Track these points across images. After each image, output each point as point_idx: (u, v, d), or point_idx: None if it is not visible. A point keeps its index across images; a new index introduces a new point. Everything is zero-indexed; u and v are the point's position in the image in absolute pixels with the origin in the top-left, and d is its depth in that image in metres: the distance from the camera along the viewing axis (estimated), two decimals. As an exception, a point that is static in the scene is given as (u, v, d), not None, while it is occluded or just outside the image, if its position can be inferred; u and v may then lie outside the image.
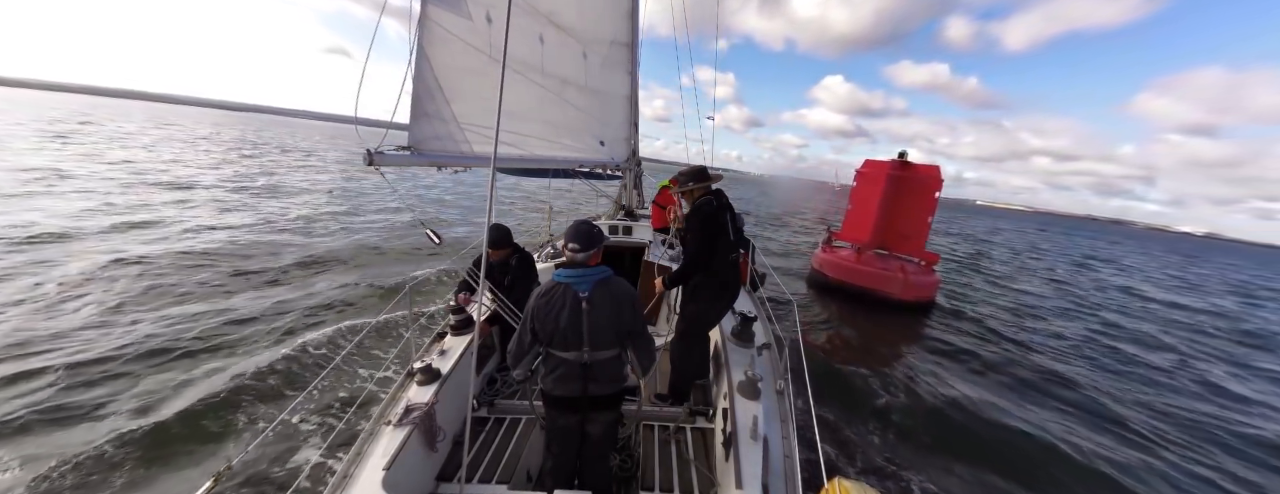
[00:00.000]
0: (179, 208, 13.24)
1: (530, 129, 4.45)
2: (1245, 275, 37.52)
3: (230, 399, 4.74)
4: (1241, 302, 21.02)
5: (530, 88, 4.37)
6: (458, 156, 3.56)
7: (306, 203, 16.22)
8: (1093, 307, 14.99)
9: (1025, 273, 20.90)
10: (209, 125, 72.50)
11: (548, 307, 2.15)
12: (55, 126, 36.93)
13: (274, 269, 8.88)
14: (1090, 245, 49.47)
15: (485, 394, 3.38)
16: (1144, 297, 18.79)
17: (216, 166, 23.55)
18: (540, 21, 4.25)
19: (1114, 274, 25.58)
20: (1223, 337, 13.16)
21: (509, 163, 4.55)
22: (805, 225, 29.16)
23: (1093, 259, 32.75)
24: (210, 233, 10.89)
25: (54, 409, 4.34)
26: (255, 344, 6.00)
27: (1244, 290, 25.98)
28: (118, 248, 9.01)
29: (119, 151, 25.29)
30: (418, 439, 2.43)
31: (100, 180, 15.89)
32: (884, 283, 10.75)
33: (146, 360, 5.33)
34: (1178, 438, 6.34)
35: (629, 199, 8.16)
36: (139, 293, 7.06)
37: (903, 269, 10.72)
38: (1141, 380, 8.53)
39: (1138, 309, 15.88)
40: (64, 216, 10.76)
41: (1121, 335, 11.65)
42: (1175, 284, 25.24)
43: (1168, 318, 14.91)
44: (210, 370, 5.25)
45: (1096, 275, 23.77)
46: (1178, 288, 23.65)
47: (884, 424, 5.68)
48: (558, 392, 2.27)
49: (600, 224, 6.73)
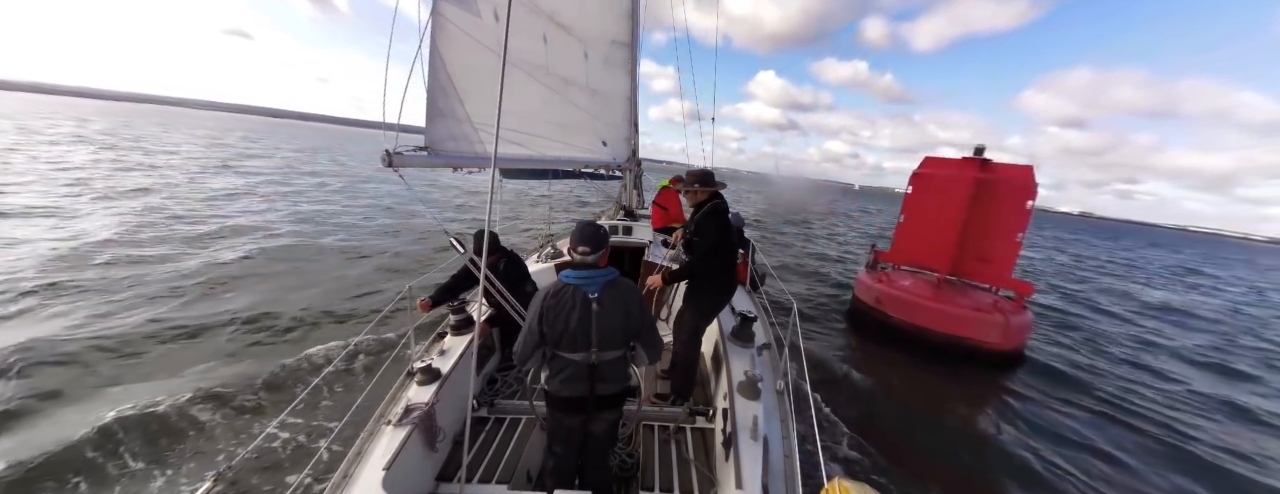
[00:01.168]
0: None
1: (538, 129, 4.42)
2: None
3: (230, 399, 4.75)
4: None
5: (537, 88, 4.33)
6: (477, 157, 3.48)
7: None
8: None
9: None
10: (71, 119, 56.45)
11: (558, 308, 2.15)
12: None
13: (276, 268, 8.89)
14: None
15: (485, 394, 3.39)
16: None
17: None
18: (543, 20, 4.22)
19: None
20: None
21: (519, 163, 4.51)
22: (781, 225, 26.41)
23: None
24: (210, 230, 10.90)
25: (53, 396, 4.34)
26: (255, 344, 6.00)
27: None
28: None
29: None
30: (418, 439, 2.43)
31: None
32: (979, 328, 7.67)
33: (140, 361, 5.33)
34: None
35: (629, 199, 8.17)
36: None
37: (999, 307, 7.80)
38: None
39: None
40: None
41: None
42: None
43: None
44: (210, 370, 5.25)
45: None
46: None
47: (885, 423, 5.65)
48: (564, 393, 2.27)
49: (600, 224, 6.74)
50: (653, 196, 6.95)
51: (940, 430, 5.78)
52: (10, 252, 8.19)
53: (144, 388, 4.83)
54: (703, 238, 3.13)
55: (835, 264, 16.11)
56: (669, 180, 6.77)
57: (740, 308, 3.90)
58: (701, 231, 3.14)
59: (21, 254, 8.09)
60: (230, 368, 5.31)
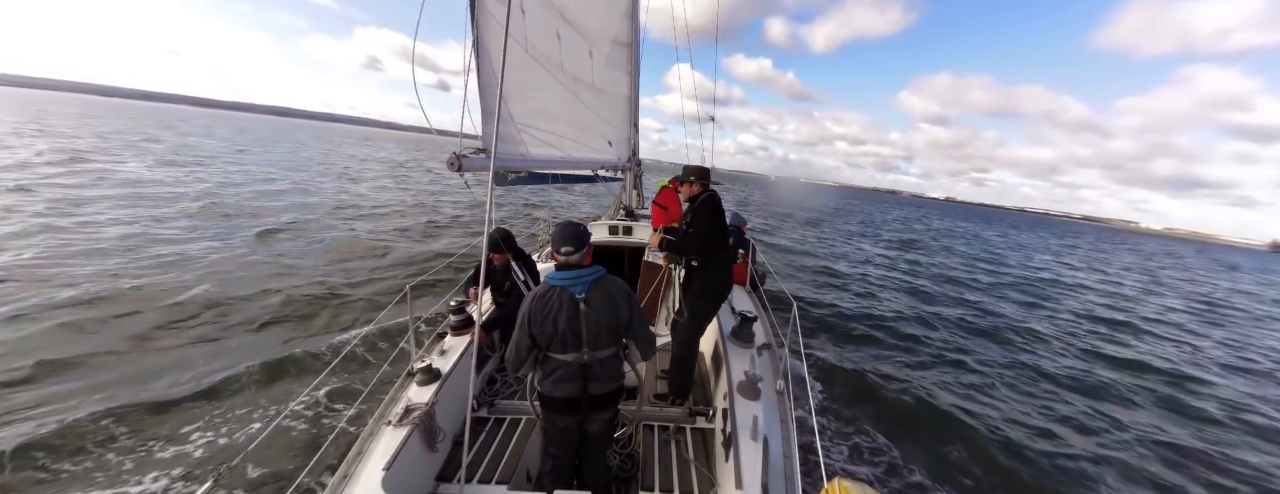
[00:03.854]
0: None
1: (561, 129, 4.33)
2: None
3: (230, 399, 4.76)
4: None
5: (557, 87, 4.24)
6: (546, 160, 3.38)
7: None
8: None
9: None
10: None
11: (544, 310, 2.13)
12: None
13: (279, 270, 8.90)
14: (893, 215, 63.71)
15: (485, 394, 3.38)
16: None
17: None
18: (555, 16, 4.08)
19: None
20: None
21: (550, 165, 4.41)
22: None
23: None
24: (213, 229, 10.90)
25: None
26: (255, 344, 6.01)
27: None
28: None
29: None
30: (418, 439, 2.43)
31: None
32: None
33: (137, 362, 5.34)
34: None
35: (629, 199, 8.17)
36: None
37: None
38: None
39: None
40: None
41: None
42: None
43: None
44: (210, 370, 5.25)
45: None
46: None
47: (884, 423, 5.67)
48: (558, 394, 2.26)
49: (600, 224, 6.73)
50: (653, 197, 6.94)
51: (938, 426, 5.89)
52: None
53: (143, 387, 4.84)
54: (696, 226, 3.15)
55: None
56: (669, 180, 6.76)
57: (740, 308, 3.89)
58: (696, 220, 3.15)
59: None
60: (230, 367, 5.31)
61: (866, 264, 17.75)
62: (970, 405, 6.43)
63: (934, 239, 33.28)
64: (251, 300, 7.22)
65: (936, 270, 18.44)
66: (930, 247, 27.50)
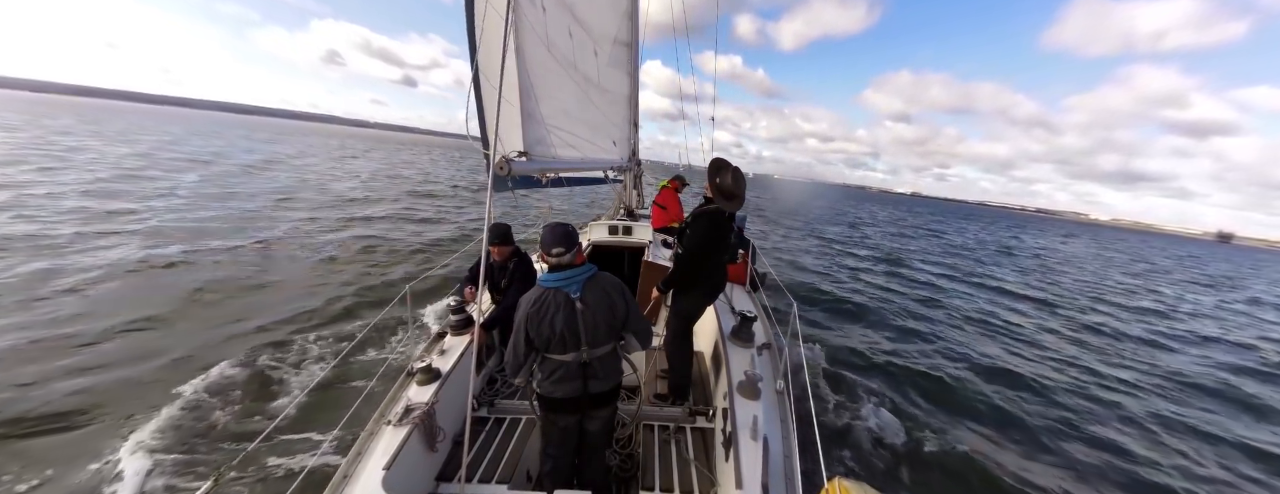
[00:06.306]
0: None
1: (579, 130, 4.26)
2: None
3: (229, 399, 4.76)
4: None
5: (572, 87, 4.18)
6: (569, 162, 3.30)
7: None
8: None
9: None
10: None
11: (541, 313, 2.13)
12: None
13: (276, 269, 8.89)
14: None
15: (485, 394, 3.38)
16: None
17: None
18: (567, 15, 3.99)
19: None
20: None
21: (572, 166, 4.22)
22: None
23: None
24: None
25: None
26: (254, 344, 6.01)
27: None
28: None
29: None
30: (418, 439, 2.43)
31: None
32: None
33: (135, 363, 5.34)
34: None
35: (629, 199, 8.17)
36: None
37: None
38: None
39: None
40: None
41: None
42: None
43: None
44: (208, 370, 5.26)
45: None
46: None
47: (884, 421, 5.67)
48: (557, 393, 2.27)
49: (600, 224, 6.73)
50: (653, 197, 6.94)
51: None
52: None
53: (144, 386, 4.84)
54: (686, 239, 3.11)
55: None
56: (669, 180, 6.76)
57: (740, 307, 3.88)
58: (690, 232, 3.10)
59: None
60: (229, 367, 5.31)
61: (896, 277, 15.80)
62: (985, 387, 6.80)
63: (974, 249, 29.49)
64: (251, 300, 7.23)
65: (976, 280, 17.03)
66: (973, 253, 26.44)
